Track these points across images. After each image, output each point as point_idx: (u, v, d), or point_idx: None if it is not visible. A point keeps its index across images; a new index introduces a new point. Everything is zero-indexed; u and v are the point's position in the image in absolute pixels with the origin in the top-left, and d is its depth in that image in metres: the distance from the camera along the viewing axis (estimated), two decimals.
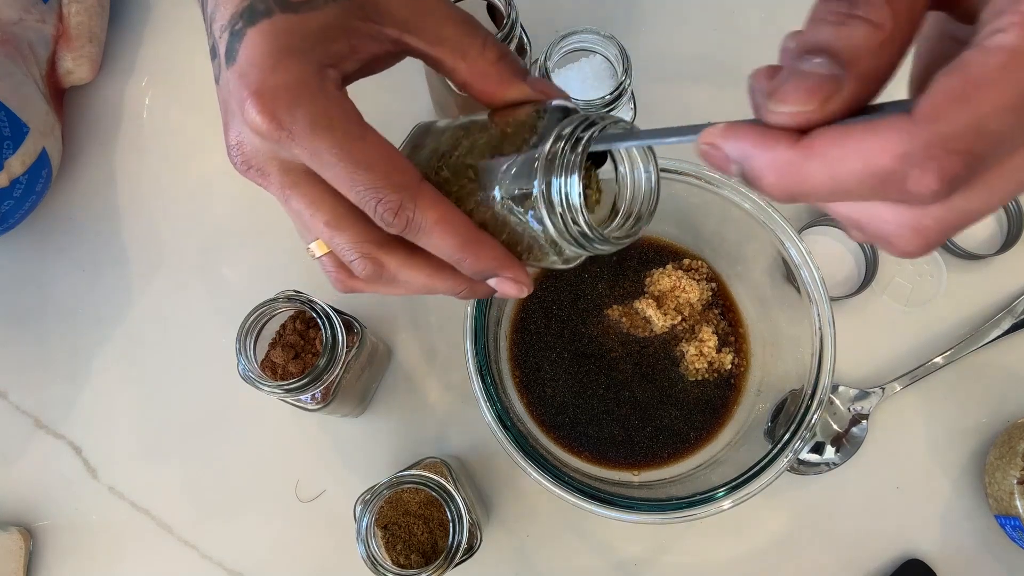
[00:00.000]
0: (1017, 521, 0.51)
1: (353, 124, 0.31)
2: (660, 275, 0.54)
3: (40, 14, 0.58)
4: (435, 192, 0.32)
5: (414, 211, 0.31)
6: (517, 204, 0.31)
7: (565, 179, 0.29)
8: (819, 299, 0.46)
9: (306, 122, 0.30)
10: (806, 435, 0.45)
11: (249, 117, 0.30)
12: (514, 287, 0.33)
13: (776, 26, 0.62)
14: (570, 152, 0.29)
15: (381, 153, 0.31)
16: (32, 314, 0.59)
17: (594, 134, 0.30)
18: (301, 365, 0.50)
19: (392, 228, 0.32)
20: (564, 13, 0.62)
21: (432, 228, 0.31)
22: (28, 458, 0.57)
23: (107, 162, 0.62)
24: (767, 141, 0.22)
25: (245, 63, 0.31)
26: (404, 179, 0.31)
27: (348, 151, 0.30)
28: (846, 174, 0.21)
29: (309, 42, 0.31)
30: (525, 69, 0.34)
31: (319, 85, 0.30)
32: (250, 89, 0.30)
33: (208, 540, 0.56)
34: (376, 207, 0.31)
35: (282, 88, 0.30)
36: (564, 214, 0.30)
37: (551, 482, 0.44)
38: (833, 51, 0.21)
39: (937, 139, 0.20)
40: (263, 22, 0.31)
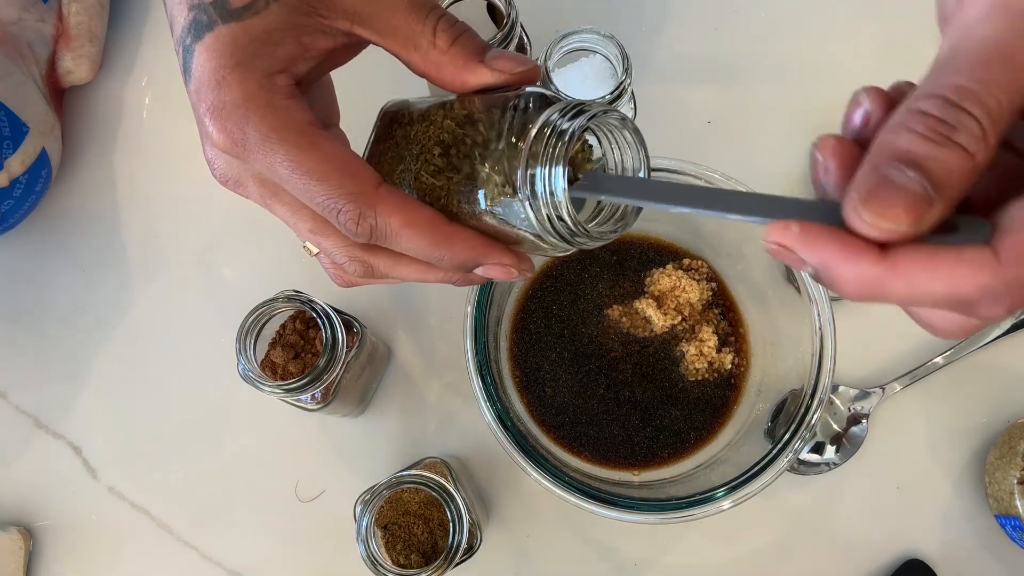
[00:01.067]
0: (1017, 521, 0.51)
1: (302, 134, 0.30)
2: (660, 275, 0.54)
3: (40, 14, 0.58)
4: (396, 195, 0.30)
5: (375, 218, 0.30)
6: (499, 199, 0.30)
7: (550, 172, 0.28)
8: (819, 299, 0.46)
9: (256, 138, 0.29)
10: (806, 435, 0.45)
11: (210, 136, 0.30)
12: (502, 271, 0.32)
13: (776, 26, 0.62)
14: (555, 144, 0.28)
15: (334, 162, 0.30)
16: (32, 314, 0.59)
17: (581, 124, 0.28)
18: (301, 365, 0.50)
19: (359, 237, 0.31)
20: (564, 13, 0.62)
21: (399, 232, 0.30)
22: (27, 458, 0.57)
23: (107, 162, 0.62)
24: (851, 254, 0.22)
25: (196, 81, 0.31)
26: (360, 186, 0.30)
27: (299, 163, 0.29)
28: (926, 293, 0.22)
29: (253, 51, 0.30)
30: (483, 48, 0.31)
31: (266, 98, 0.30)
32: (204, 107, 0.30)
33: (208, 540, 0.56)
34: (337, 217, 0.30)
35: (230, 105, 0.30)
36: (548, 209, 0.28)
37: (551, 482, 0.44)
38: (928, 171, 0.22)
39: (1016, 281, 0.22)
40: (207, 36, 0.30)
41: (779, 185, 0.60)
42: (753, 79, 0.61)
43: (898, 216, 0.21)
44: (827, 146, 0.24)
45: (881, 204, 0.22)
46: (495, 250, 0.31)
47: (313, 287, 0.50)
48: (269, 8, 0.30)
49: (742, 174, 0.47)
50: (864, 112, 0.25)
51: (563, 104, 0.29)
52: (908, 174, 0.22)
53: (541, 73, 0.32)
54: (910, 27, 0.62)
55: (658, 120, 0.59)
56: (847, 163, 0.24)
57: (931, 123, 0.22)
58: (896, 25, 0.62)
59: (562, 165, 0.28)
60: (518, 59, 0.31)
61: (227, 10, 0.30)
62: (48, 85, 0.58)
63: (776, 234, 0.23)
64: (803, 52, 0.62)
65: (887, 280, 0.22)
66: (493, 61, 0.31)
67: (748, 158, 0.60)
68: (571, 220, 0.29)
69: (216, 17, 0.30)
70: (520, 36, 0.49)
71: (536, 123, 0.28)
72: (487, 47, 0.32)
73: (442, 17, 0.31)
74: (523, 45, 0.50)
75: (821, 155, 0.24)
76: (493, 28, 0.50)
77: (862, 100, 0.25)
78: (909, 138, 0.22)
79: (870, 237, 0.22)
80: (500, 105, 0.30)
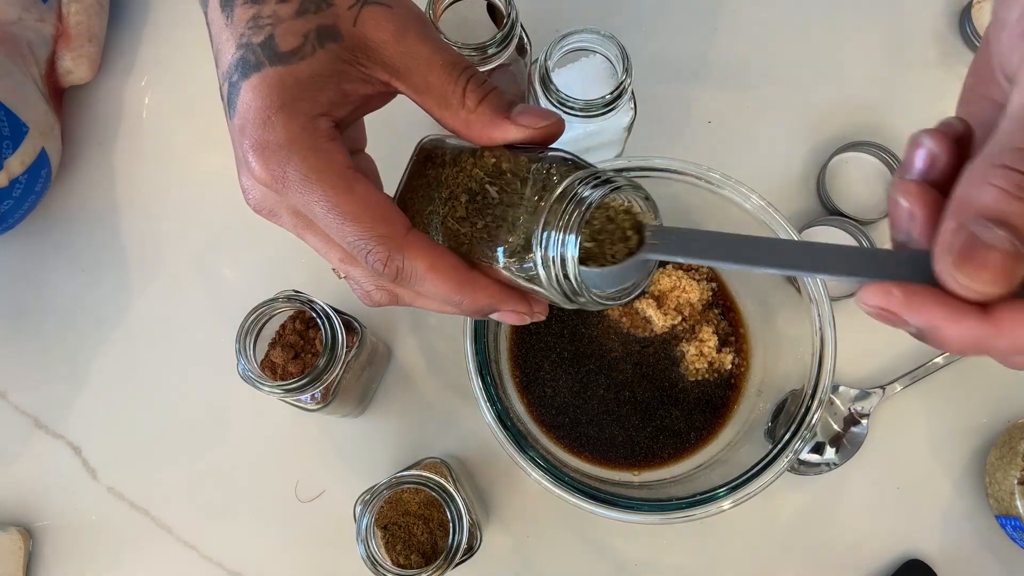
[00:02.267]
0: (1018, 521, 0.51)
1: (340, 177, 0.31)
2: (660, 275, 0.54)
3: (39, 13, 0.57)
4: (423, 241, 0.32)
5: (403, 261, 0.31)
6: (516, 254, 0.31)
7: (563, 238, 0.29)
8: (819, 299, 0.46)
9: (297, 177, 0.31)
10: (806, 435, 0.45)
11: (251, 169, 0.32)
12: (516, 317, 0.34)
13: (776, 26, 0.62)
14: (572, 211, 0.29)
15: (368, 205, 0.31)
16: (31, 314, 0.59)
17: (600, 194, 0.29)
18: (301, 365, 0.50)
19: (384, 278, 0.32)
20: (564, 13, 0.62)
21: (424, 276, 0.32)
22: (27, 458, 0.57)
23: (106, 162, 0.62)
24: (956, 316, 0.23)
25: (241, 118, 0.32)
26: (390, 230, 0.31)
27: (335, 204, 0.31)
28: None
29: (298, 94, 0.32)
30: (509, 105, 0.33)
31: (310, 140, 0.31)
32: (248, 144, 0.31)
33: (208, 540, 0.56)
34: (366, 257, 0.32)
35: (274, 144, 0.31)
36: (557, 270, 0.29)
37: (551, 482, 0.44)
38: (1016, 228, 0.22)
39: None
40: (254, 76, 0.32)
41: (779, 185, 0.60)
42: (753, 79, 0.61)
43: (993, 279, 0.22)
44: (910, 192, 0.24)
45: (975, 266, 0.22)
46: (511, 299, 0.33)
47: (313, 287, 0.49)
48: (315, 55, 0.32)
49: (742, 174, 0.47)
50: (928, 154, 0.25)
51: (586, 173, 0.30)
52: (997, 233, 0.22)
53: (564, 126, 0.33)
54: (910, 27, 0.62)
55: (658, 120, 0.59)
56: (932, 210, 0.24)
57: (1016, 178, 0.22)
58: (896, 25, 0.62)
59: (575, 232, 0.29)
60: (543, 114, 0.32)
61: (276, 53, 0.32)
62: (48, 85, 0.58)
63: (877, 299, 0.23)
64: (803, 52, 0.62)
65: (992, 338, 0.23)
66: (519, 117, 0.32)
67: (748, 158, 0.60)
68: (577, 284, 0.30)
69: (264, 59, 0.32)
70: (520, 36, 0.49)
71: (558, 189, 0.29)
72: (513, 104, 0.33)
73: (472, 78, 0.33)
74: (523, 45, 0.50)
75: (906, 201, 0.24)
76: (493, 28, 0.50)
77: (923, 141, 0.25)
78: (994, 194, 0.22)
79: (968, 298, 0.23)
80: (525, 164, 0.31)
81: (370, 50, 0.33)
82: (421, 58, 0.33)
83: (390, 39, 0.33)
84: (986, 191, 0.22)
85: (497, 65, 0.48)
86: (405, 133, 0.42)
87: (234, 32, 0.33)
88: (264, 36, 0.32)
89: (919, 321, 0.23)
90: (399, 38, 0.33)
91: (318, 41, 0.32)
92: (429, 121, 0.36)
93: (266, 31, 0.32)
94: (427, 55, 0.33)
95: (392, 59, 0.33)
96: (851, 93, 0.61)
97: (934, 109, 0.34)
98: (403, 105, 0.35)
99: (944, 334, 0.23)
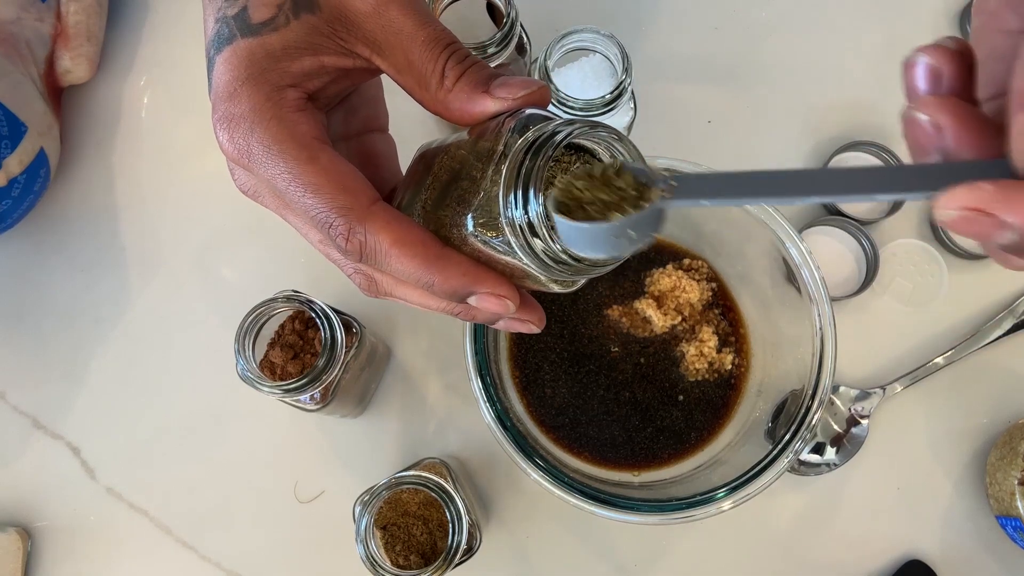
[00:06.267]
0: (1018, 522, 0.51)
1: (303, 148, 0.30)
2: (660, 275, 0.54)
3: (38, 13, 0.57)
4: (388, 213, 0.30)
5: (365, 235, 0.30)
6: (487, 231, 0.28)
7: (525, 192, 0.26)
8: (820, 299, 0.46)
9: (260, 149, 0.30)
10: (807, 435, 0.44)
11: (220, 144, 0.31)
12: (497, 303, 0.31)
13: (776, 26, 0.62)
14: (532, 163, 0.26)
15: (331, 176, 0.30)
16: (30, 314, 0.59)
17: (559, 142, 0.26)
18: (300, 365, 0.49)
19: (349, 256, 0.30)
20: (564, 12, 0.62)
21: (388, 252, 0.30)
22: (26, 458, 0.57)
23: (105, 162, 0.62)
24: None
25: (214, 92, 0.31)
26: (352, 201, 0.30)
27: (296, 175, 0.30)
28: None
29: (267, 65, 0.30)
30: (488, 78, 0.31)
31: (273, 111, 0.30)
32: (215, 117, 0.31)
33: (207, 541, 0.56)
34: (329, 232, 0.30)
35: (238, 117, 0.30)
36: (528, 238, 0.27)
37: (551, 482, 0.44)
38: None
39: None
40: (226, 49, 0.31)
41: None
42: (753, 79, 0.61)
43: None
44: (929, 104, 0.21)
45: None
46: (488, 278, 0.30)
47: (312, 287, 0.49)
48: (289, 26, 0.31)
49: None
50: (928, 68, 0.23)
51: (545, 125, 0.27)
52: None
53: (550, 93, 0.31)
54: (910, 27, 0.62)
55: (658, 120, 0.59)
56: (961, 117, 0.21)
57: None
58: (896, 25, 0.62)
59: (534, 185, 0.26)
60: (523, 83, 0.30)
61: (248, 25, 0.31)
62: (46, 84, 0.58)
63: (963, 198, 0.20)
64: (803, 52, 0.62)
65: None
66: (496, 89, 0.30)
67: (748, 158, 0.60)
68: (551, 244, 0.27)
69: (236, 31, 0.31)
70: (520, 36, 0.49)
71: (516, 145, 0.27)
72: (493, 76, 0.31)
73: (453, 55, 0.31)
74: (523, 44, 0.50)
75: (926, 114, 0.21)
76: (493, 27, 0.50)
77: (918, 59, 0.23)
78: None
79: None
80: (496, 128, 0.29)
81: (349, 22, 0.31)
82: (403, 33, 0.31)
83: (370, 11, 0.31)
84: None
85: (497, 65, 0.48)
86: None
87: (214, 6, 0.32)
88: (238, 8, 0.31)
89: (1019, 218, 0.19)
90: (380, 10, 0.31)
91: (293, 12, 0.31)
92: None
93: (240, 3, 0.31)
94: (409, 29, 0.31)
95: (372, 32, 0.31)
96: (851, 93, 0.61)
97: None
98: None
99: None
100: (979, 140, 0.21)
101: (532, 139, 0.27)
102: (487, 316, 0.32)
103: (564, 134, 0.27)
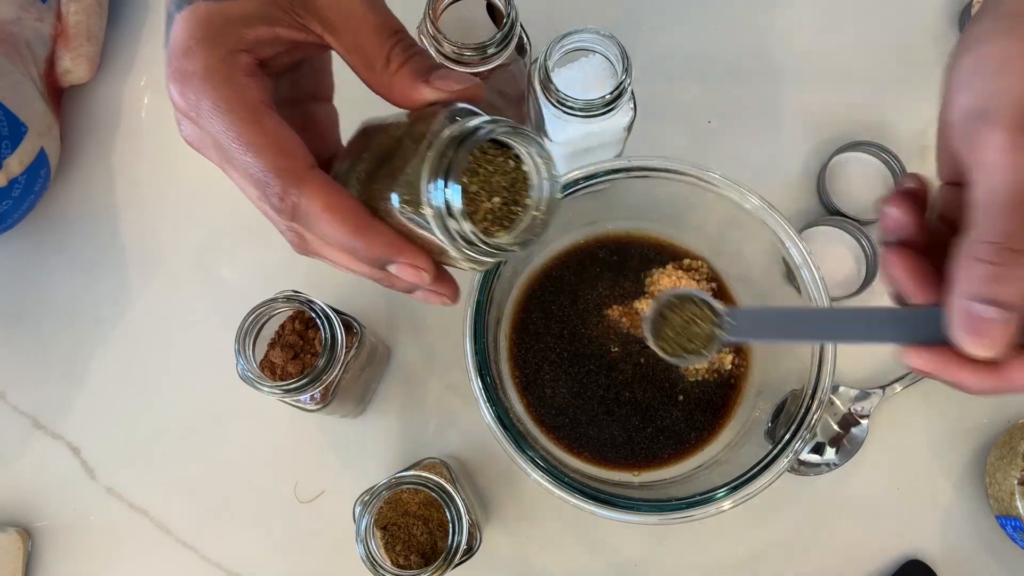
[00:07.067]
0: (1018, 522, 0.51)
1: (249, 110, 0.32)
2: (660, 275, 0.54)
3: (38, 13, 0.57)
4: (323, 180, 0.32)
5: (299, 197, 0.32)
6: (410, 208, 0.31)
7: (445, 178, 0.29)
8: (820, 299, 0.46)
9: (208, 106, 0.32)
10: (806, 435, 0.45)
11: (171, 97, 0.33)
12: (412, 272, 0.33)
13: (776, 26, 0.62)
14: (451, 154, 0.29)
15: (273, 139, 0.32)
16: (30, 314, 0.59)
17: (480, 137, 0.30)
18: (300, 365, 0.49)
19: (283, 215, 0.33)
20: (564, 13, 0.62)
21: (319, 215, 0.32)
22: (26, 458, 0.57)
23: (105, 162, 0.62)
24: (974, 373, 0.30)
25: (171, 48, 0.33)
26: (291, 164, 0.32)
27: (239, 134, 0.32)
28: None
29: (224, 30, 0.32)
30: (429, 69, 0.34)
31: (225, 72, 0.32)
32: (168, 72, 0.33)
33: (207, 541, 0.56)
34: (265, 191, 0.32)
35: (190, 73, 0.32)
36: (445, 219, 0.30)
37: (551, 482, 0.44)
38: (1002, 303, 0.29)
39: None
40: (187, 9, 0.33)
41: (779, 185, 0.60)
42: (753, 79, 0.61)
43: (994, 344, 0.29)
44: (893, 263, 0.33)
45: (980, 339, 0.29)
46: (408, 250, 0.33)
47: (312, 287, 0.49)
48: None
49: (742, 174, 0.47)
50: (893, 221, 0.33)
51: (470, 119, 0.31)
52: (990, 311, 0.29)
53: (484, 92, 0.34)
54: (910, 27, 0.62)
55: (658, 121, 0.59)
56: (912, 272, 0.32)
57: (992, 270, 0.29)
58: (896, 25, 0.62)
59: (454, 173, 0.29)
60: (460, 79, 0.33)
61: None
62: (47, 85, 0.58)
63: (915, 361, 0.31)
64: (803, 52, 0.62)
65: (1003, 385, 0.30)
66: (436, 81, 0.33)
67: (748, 158, 0.60)
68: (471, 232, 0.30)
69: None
70: (520, 36, 0.49)
71: (443, 134, 0.30)
72: (435, 68, 0.34)
73: (399, 43, 0.34)
74: (523, 45, 0.50)
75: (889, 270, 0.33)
76: (493, 28, 0.50)
77: (888, 211, 0.33)
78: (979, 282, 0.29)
79: (982, 359, 0.30)
80: (430, 116, 0.32)
81: (306, 1, 0.33)
82: (355, 16, 0.33)
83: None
84: (973, 281, 0.29)
85: (497, 65, 0.48)
86: None
87: None
88: None
89: (947, 376, 0.31)
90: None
91: None
92: None
93: None
94: (361, 14, 0.33)
95: (327, 12, 0.33)
96: (851, 93, 0.61)
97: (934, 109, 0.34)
98: None
99: (966, 385, 0.31)
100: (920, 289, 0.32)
101: (456, 131, 0.30)
102: (405, 285, 0.35)
103: (485, 131, 0.30)
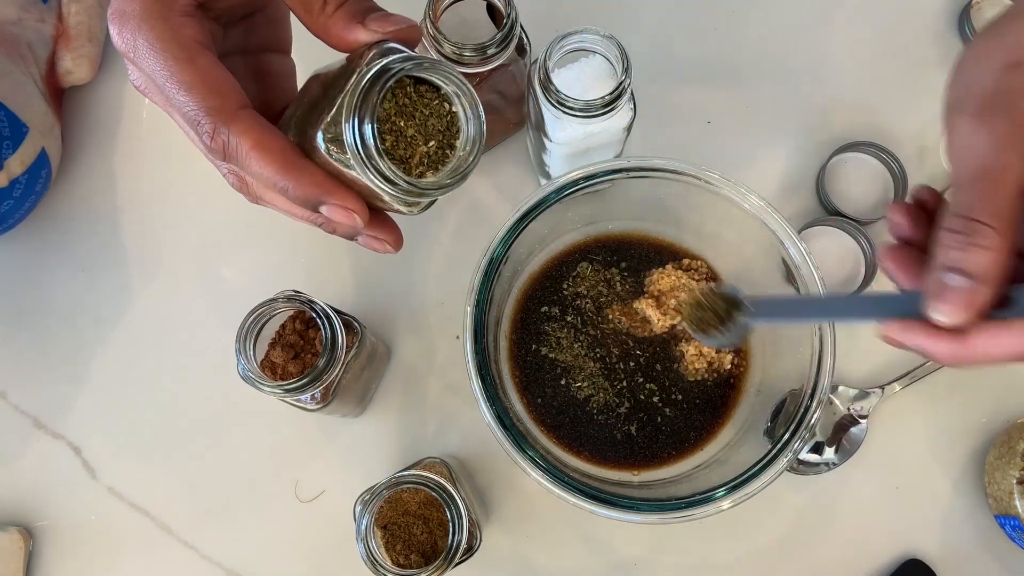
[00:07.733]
0: (1017, 521, 0.51)
1: (183, 49, 0.33)
2: (660, 275, 0.54)
3: (39, 13, 0.57)
4: (254, 118, 0.33)
5: (228, 135, 0.32)
6: (335, 148, 0.31)
7: (358, 121, 0.30)
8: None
9: (144, 45, 0.33)
10: (806, 435, 0.45)
11: (112, 38, 0.34)
12: (343, 214, 0.33)
13: (776, 26, 0.62)
14: (367, 91, 0.30)
15: (205, 78, 0.33)
16: (31, 314, 0.59)
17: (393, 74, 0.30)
18: (300, 365, 0.50)
19: (214, 154, 0.33)
20: (564, 13, 0.62)
21: (249, 154, 0.32)
22: (27, 458, 0.57)
23: (107, 162, 0.62)
24: (939, 340, 0.31)
25: None
26: (221, 103, 0.32)
27: (173, 72, 0.32)
28: (994, 356, 0.31)
29: None
30: (365, 11, 0.34)
31: (162, 12, 0.33)
32: (110, 13, 0.33)
33: (207, 540, 0.56)
34: (197, 129, 0.33)
35: (128, 13, 0.33)
36: (363, 159, 0.30)
37: (551, 482, 0.44)
38: (966, 271, 0.30)
39: None
40: None
41: (779, 185, 0.60)
42: (753, 79, 0.61)
43: (956, 310, 0.30)
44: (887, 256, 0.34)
45: (946, 305, 0.30)
46: (338, 191, 0.33)
47: (313, 287, 0.50)
48: None
49: (742, 174, 0.47)
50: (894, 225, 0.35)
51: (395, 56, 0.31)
52: (956, 278, 0.30)
53: (420, 33, 0.35)
54: (910, 27, 0.62)
55: (658, 121, 0.59)
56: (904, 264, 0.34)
57: (956, 238, 0.30)
58: (896, 25, 0.62)
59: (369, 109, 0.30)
60: (395, 20, 0.33)
61: None
62: (48, 85, 0.58)
63: (889, 331, 0.33)
64: (803, 52, 0.62)
65: (966, 352, 0.31)
66: (371, 23, 0.33)
67: (748, 158, 0.60)
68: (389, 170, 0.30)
69: None
70: (520, 36, 0.49)
71: (365, 72, 0.30)
72: (372, 9, 0.34)
73: None
74: (523, 45, 0.50)
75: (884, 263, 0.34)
76: (493, 28, 0.50)
77: (891, 217, 0.35)
78: (946, 252, 0.31)
79: (950, 327, 0.31)
80: (357, 57, 0.33)
81: None
82: None
83: None
84: (942, 251, 0.31)
85: (497, 65, 0.48)
86: None
87: None
88: None
89: (914, 344, 0.32)
90: None
91: None
92: None
93: None
94: None
95: None
96: (851, 93, 0.61)
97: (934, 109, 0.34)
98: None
99: (933, 352, 0.32)
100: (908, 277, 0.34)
101: (374, 70, 0.30)
102: (345, 229, 0.35)
103: (398, 68, 0.30)
